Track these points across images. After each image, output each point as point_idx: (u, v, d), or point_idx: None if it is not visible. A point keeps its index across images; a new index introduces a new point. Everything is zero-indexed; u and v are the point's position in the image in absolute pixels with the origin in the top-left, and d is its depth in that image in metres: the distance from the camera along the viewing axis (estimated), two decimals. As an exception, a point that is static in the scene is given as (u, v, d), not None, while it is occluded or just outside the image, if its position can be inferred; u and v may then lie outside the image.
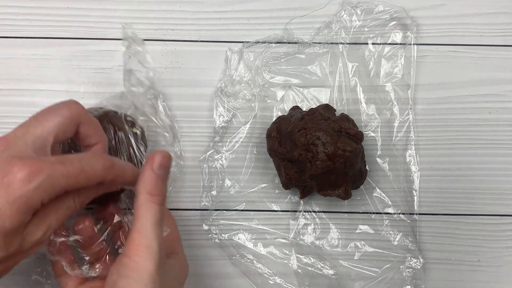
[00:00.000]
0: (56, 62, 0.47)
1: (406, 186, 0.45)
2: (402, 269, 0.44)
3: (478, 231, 0.45)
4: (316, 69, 0.47)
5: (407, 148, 0.45)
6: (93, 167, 0.30)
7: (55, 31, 0.47)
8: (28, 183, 0.27)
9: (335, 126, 0.40)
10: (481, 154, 0.46)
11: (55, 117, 0.31)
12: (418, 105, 0.46)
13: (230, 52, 0.47)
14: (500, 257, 0.45)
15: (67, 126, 0.31)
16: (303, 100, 0.46)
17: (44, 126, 0.30)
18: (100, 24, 0.47)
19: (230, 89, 0.46)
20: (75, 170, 0.29)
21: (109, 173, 0.31)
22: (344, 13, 0.47)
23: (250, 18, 0.47)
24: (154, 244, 0.30)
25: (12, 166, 0.27)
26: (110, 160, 0.31)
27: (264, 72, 0.46)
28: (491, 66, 0.47)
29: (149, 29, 0.47)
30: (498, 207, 0.45)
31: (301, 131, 0.40)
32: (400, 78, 0.46)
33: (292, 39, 0.46)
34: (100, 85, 0.47)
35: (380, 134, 0.46)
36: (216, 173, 0.45)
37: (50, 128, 0.30)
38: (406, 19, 0.46)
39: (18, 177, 0.27)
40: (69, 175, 0.28)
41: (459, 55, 0.47)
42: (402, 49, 0.46)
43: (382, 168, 0.45)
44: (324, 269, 0.44)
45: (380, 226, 0.45)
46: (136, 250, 0.30)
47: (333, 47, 0.47)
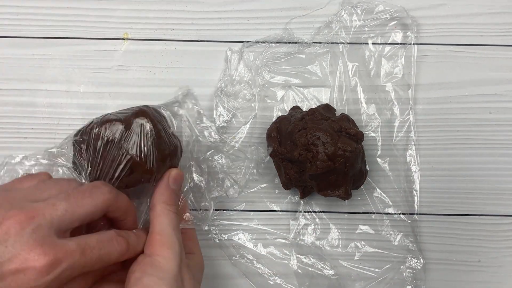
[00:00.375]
0: (56, 62, 0.47)
1: (407, 186, 0.45)
2: (403, 270, 0.44)
3: (478, 231, 0.45)
4: (316, 69, 0.47)
5: (408, 148, 0.45)
6: (110, 254, 0.30)
7: (55, 31, 0.47)
8: (45, 275, 0.26)
9: (335, 126, 0.40)
10: (482, 154, 0.46)
11: (88, 206, 0.30)
12: (419, 105, 0.46)
13: (230, 52, 0.46)
14: (500, 257, 0.45)
15: (96, 214, 0.31)
16: (303, 100, 0.46)
17: (75, 212, 0.29)
18: (100, 24, 0.47)
19: (230, 89, 0.46)
20: (94, 259, 0.29)
21: (122, 258, 0.32)
22: (344, 12, 0.47)
23: (250, 18, 0.47)
24: (176, 245, 0.33)
25: (32, 251, 0.26)
26: (126, 245, 0.31)
27: (264, 72, 0.46)
28: (492, 66, 0.47)
29: (149, 29, 0.47)
30: (498, 207, 0.45)
31: (301, 131, 0.40)
32: (401, 78, 0.46)
33: (292, 39, 0.46)
34: (100, 85, 0.46)
35: (380, 134, 0.45)
36: (216, 173, 0.45)
37: (80, 215, 0.30)
38: (407, 18, 0.46)
39: (36, 266, 0.26)
40: (86, 265, 0.28)
41: (460, 55, 0.47)
42: (402, 49, 0.46)
43: (383, 168, 0.45)
44: (324, 269, 0.44)
45: (381, 226, 0.45)
46: (159, 251, 0.32)
47: (333, 47, 0.46)
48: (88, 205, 0.30)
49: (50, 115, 0.46)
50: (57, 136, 0.46)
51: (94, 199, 0.31)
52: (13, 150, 0.45)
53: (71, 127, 0.46)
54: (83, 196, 0.30)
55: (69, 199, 0.29)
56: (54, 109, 0.46)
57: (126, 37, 0.47)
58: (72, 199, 0.29)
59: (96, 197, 0.31)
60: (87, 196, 0.30)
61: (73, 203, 0.29)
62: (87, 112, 0.46)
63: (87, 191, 0.31)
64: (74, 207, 0.29)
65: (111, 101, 0.46)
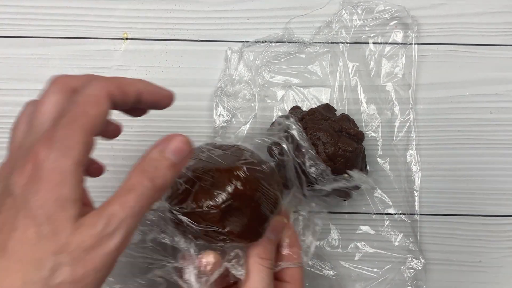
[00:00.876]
0: (55, 61, 0.47)
1: (407, 187, 0.45)
2: (403, 270, 0.44)
3: (479, 231, 0.45)
4: (316, 69, 0.46)
5: (408, 148, 0.45)
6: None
7: (54, 30, 0.47)
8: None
9: (336, 126, 0.40)
10: (482, 154, 0.45)
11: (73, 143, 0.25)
12: (419, 105, 0.46)
13: (230, 51, 0.46)
14: (501, 257, 0.45)
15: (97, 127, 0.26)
16: (304, 100, 0.46)
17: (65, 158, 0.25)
18: (100, 24, 0.47)
19: (230, 88, 0.46)
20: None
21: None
22: (345, 12, 0.46)
23: (250, 17, 0.47)
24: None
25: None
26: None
27: (264, 72, 0.46)
28: (492, 65, 0.46)
29: (148, 28, 0.47)
30: (499, 207, 0.45)
31: (302, 131, 0.40)
32: (401, 77, 0.46)
33: (292, 39, 0.46)
34: (99, 84, 0.46)
35: (380, 134, 0.45)
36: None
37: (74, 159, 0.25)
38: (407, 18, 0.46)
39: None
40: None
41: (460, 55, 0.47)
42: (403, 49, 0.46)
43: (383, 168, 0.45)
44: (324, 270, 0.44)
45: (381, 227, 0.45)
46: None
47: (333, 47, 0.46)
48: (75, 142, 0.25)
49: (50, 115, 0.46)
50: (57, 136, 0.45)
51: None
52: (12, 150, 0.45)
53: (70, 127, 0.46)
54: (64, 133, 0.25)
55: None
56: (53, 109, 0.46)
57: (126, 36, 0.47)
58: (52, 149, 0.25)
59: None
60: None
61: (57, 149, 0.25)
62: (87, 112, 0.46)
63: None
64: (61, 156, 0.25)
65: (111, 101, 0.46)
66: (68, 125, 0.25)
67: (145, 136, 0.46)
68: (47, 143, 0.25)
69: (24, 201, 0.24)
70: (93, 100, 0.26)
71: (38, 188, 0.24)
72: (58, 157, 0.24)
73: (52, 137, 0.25)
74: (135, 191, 0.26)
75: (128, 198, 0.25)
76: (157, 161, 0.27)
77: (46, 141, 0.25)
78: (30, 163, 0.25)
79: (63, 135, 0.25)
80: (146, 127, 0.46)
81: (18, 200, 0.25)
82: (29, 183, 0.25)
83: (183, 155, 0.28)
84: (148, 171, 0.26)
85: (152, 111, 0.46)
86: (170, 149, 0.28)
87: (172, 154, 0.27)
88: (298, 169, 0.36)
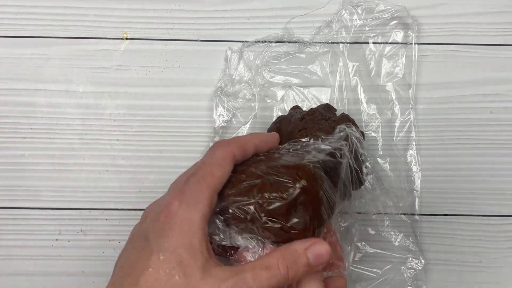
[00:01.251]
0: (55, 61, 0.46)
1: (407, 187, 0.45)
2: (403, 270, 0.44)
3: (479, 231, 0.45)
4: (316, 69, 0.46)
5: (408, 148, 0.45)
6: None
7: (54, 30, 0.47)
8: None
9: (336, 126, 0.40)
10: (483, 154, 0.45)
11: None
12: (419, 105, 0.46)
13: (230, 51, 0.46)
14: (502, 258, 0.44)
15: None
16: (304, 100, 0.46)
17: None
18: (99, 23, 0.47)
19: (230, 88, 0.46)
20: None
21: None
22: (345, 12, 0.46)
23: (250, 17, 0.47)
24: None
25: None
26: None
27: (264, 72, 0.46)
28: (493, 65, 0.46)
29: (148, 28, 0.47)
30: (500, 207, 0.45)
31: (302, 131, 0.40)
32: (401, 77, 0.46)
33: (292, 39, 0.46)
34: (99, 84, 0.46)
35: (381, 134, 0.45)
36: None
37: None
38: (407, 18, 0.46)
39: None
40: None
41: (461, 55, 0.47)
42: (403, 49, 0.46)
43: (383, 168, 0.45)
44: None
45: (381, 227, 0.44)
46: None
47: (333, 47, 0.46)
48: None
49: (49, 115, 0.46)
50: (56, 136, 0.45)
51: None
52: (12, 150, 0.45)
53: (70, 127, 0.46)
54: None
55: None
56: (53, 109, 0.46)
57: (126, 36, 0.47)
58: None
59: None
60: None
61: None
62: (86, 112, 0.46)
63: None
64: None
65: (110, 101, 0.46)
66: (197, 183, 0.29)
67: (145, 136, 0.46)
68: (179, 196, 0.29)
69: (158, 244, 0.28)
70: (219, 163, 0.31)
71: (171, 235, 0.28)
72: (189, 209, 0.28)
73: (183, 192, 0.29)
74: (270, 271, 0.28)
75: (262, 273, 0.28)
76: (298, 255, 0.30)
77: (179, 195, 0.29)
78: (164, 212, 0.29)
79: (193, 191, 0.29)
80: (146, 127, 0.46)
81: (152, 243, 0.28)
82: (162, 230, 0.28)
83: (321, 262, 0.30)
84: (288, 260, 0.29)
85: (151, 111, 0.46)
86: (313, 251, 0.30)
87: (313, 257, 0.30)
88: (354, 175, 0.36)
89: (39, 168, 0.45)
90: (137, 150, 0.45)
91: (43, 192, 0.45)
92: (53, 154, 0.45)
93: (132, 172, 0.45)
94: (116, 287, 0.28)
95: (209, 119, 0.46)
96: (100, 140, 0.46)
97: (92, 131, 0.46)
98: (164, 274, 0.27)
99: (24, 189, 0.45)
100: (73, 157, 0.45)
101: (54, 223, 0.45)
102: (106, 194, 0.45)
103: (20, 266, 0.44)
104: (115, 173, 0.45)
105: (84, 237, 0.45)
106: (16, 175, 0.45)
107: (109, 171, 0.45)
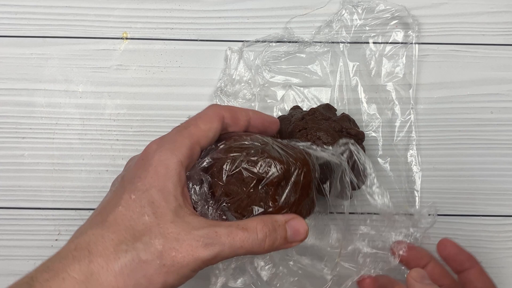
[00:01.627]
0: (54, 61, 0.46)
1: (408, 187, 0.45)
2: (404, 271, 0.43)
3: (480, 232, 0.45)
4: (316, 69, 0.46)
5: (409, 148, 0.45)
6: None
7: (54, 30, 0.47)
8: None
9: (336, 126, 0.40)
10: (483, 154, 0.45)
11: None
12: (420, 105, 0.46)
13: (230, 51, 0.46)
14: (502, 258, 0.44)
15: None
16: (304, 99, 0.46)
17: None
18: (99, 23, 0.47)
19: (230, 88, 0.46)
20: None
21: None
22: (345, 12, 0.46)
23: (250, 17, 0.47)
24: None
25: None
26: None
27: (264, 72, 0.46)
28: (493, 65, 0.46)
29: (148, 28, 0.47)
30: (500, 207, 0.45)
31: (302, 131, 0.40)
32: (402, 77, 0.46)
33: (293, 38, 0.46)
34: (98, 84, 0.46)
35: (381, 134, 0.45)
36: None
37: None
38: (408, 18, 0.46)
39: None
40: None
41: (461, 54, 0.46)
42: (403, 48, 0.46)
43: (384, 168, 0.45)
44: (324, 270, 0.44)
45: (381, 227, 0.44)
46: None
47: (333, 46, 0.46)
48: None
49: (49, 114, 0.46)
50: (56, 136, 0.45)
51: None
52: (11, 150, 0.45)
53: (69, 127, 0.45)
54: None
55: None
56: (52, 108, 0.46)
57: (125, 36, 0.47)
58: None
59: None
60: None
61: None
62: (86, 111, 0.46)
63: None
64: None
65: (110, 100, 0.46)
66: (179, 131, 0.30)
67: (145, 136, 0.46)
68: (158, 141, 0.29)
69: (131, 183, 0.28)
70: (206, 118, 0.31)
71: (144, 176, 0.28)
72: (166, 153, 0.28)
73: (163, 137, 0.30)
74: (247, 233, 0.28)
75: (238, 232, 0.28)
76: (279, 226, 0.30)
77: (158, 140, 0.30)
78: (141, 155, 0.29)
79: (173, 137, 0.29)
80: (146, 127, 0.46)
81: (126, 182, 0.28)
82: (138, 170, 0.28)
83: (297, 239, 0.31)
84: (267, 227, 0.29)
85: (151, 110, 0.46)
86: (293, 225, 0.30)
87: (291, 231, 0.30)
88: (349, 185, 0.36)
89: (39, 168, 0.45)
90: (137, 150, 0.45)
91: (42, 192, 0.45)
92: (53, 154, 0.45)
93: (132, 172, 0.45)
94: (84, 226, 0.28)
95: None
96: (100, 140, 0.45)
97: (91, 131, 0.46)
98: (133, 213, 0.27)
99: (23, 189, 0.45)
100: (72, 157, 0.45)
101: (53, 223, 0.45)
102: (105, 194, 0.45)
103: (20, 267, 0.44)
104: (115, 173, 0.45)
105: (84, 237, 0.45)
106: (16, 175, 0.45)
107: (108, 171, 0.45)
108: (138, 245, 0.26)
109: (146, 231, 0.26)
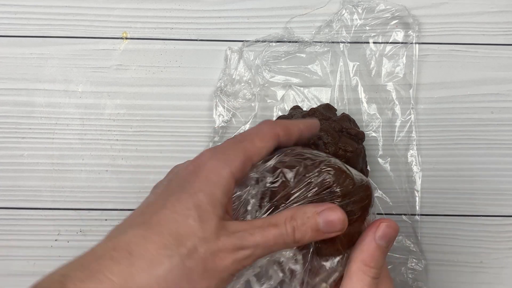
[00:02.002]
0: (54, 61, 0.46)
1: (408, 187, 0.44)
2: (404, 271, 0.43)
3: (480, 232, 0.44)
4: (316, 69, 0.46)
5: (409, 148, 0.45)
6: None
7: (53, 29, 0.47)
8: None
9: (336, 126, 0.40)
10: (484, 154, 0.45)
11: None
12: (420, 105, 0.46)
13: (230, 51, 0.46)
14: (502, 258, 0.44)
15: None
16: (304, 99, 0.46)
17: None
18: (99, 23, 0.47)
19: (230, 88, 0.46)
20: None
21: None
22: (345, 11, 0.46)
23: (250, 16, 0.47)
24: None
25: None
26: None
27: (264, 71, 0.46)
28: (494, 65, 0.46)
29: (148, 28, 0.47)
30: (501, 208, 0.45)
31: (302, 131, 0.39)
32: (402, 77, 0.46)
33: (293, 38, 0.46)
34: (98, 84, 0.46)
35: (381, 134, 0.45)
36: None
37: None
38: (408, 17, 0.46)
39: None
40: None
41: (461, 54, 0.46)
42: (403, 48, 0.46)
43: (384, 168, 0.45)
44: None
45: (382, 227, 0.44)
46: None
47: (334, 46, 0.46)
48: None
49: (48, 114, 0.46)
50: (55, 136, 0.45)
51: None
52: (11, 150, 0.45)
53: (69, 127, 0.45)
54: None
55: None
56: (52, 108, 0.46)
57: (125, 36, 0.47)
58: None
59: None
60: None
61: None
62: (86, 111, 0.46)
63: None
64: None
65: (110, 100, 0.46)
66: (234, 144, 0.29)
67: (145, 136, 0.45)
68: (212, 151, 0.29)
69: (180, 186, 0.27)
70: (262, 136, 0.30)
71: (194, 180, 0.27)
72: (219, 163, 0.28)
73: (217, 147, 0.29)
74: (277, 229, 0.28)
75: (270, 229, 0.27)
76: (308, 218, 0.28)
77: (212, 149, 0.29)
78: (193, 162, 0.29)
79: (227, 149, 0.29)
80: (146, 127, 0.46)
81: (174, 185, 0.28)
82: (188, 175, 0.28)
83: (331, 230, 0.29)
84: (296, 221, 0.28)
85: (151, 110, 0.46)
86: (326, 216, 0.29)
87: (323, 222, 0.28)
88: None
89: (39, 168, 0.45)
90: (137, 150, 0.45)
91: (42, 192, 0.45)
92: (53, 154, 0.45)
93: (131, 172, 0.45)
94: (124, 226, 0.27)
95: (209, 119, 0.46)
96: (100, 140, 0.45)
97: (91, 131, 0.45)
98: (178, 215, 0.26)
99: (23, 189, 0.45)
100: (72, 157, 0.45)
101: (53, 223, 0.45)
102: (105, 194, 0.45)
103: (20, 267, 0.44)
104: (115, 173, 0.45)
105: (84, 238, 0.44)
106: (15, 175, 0.45)
107: (108, 171, 0.45)
108: (182, 250, 0.25)
109: (190, 236, 0.25)
